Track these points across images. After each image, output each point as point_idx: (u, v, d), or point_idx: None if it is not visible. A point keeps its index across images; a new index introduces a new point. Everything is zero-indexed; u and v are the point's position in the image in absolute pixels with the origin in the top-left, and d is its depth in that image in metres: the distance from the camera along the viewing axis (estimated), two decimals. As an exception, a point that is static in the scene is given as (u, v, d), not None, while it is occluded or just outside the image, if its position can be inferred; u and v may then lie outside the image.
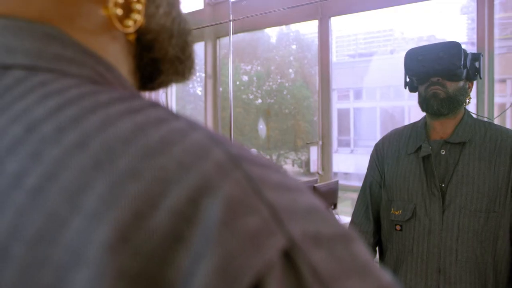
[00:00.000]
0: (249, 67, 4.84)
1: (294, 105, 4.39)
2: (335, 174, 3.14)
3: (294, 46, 4.94)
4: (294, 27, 4.47)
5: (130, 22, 0.30)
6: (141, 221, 0.19)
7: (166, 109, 0.25)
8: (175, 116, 0.24)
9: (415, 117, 1.44)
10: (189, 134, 0.22)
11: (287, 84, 4.69)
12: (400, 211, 1.29)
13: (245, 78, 4.81)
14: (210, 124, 3.89)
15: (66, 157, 0.21)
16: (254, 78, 4.76)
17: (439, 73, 1.25)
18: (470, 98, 1.33)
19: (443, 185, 1.24)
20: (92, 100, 0.24)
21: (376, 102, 4.93)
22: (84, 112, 0.23)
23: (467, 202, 1.20)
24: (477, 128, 1.28)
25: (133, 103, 0.24)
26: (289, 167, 4.47)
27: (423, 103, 1.29)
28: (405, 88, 1.39)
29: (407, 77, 1.38)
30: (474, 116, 1.35)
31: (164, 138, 0.22)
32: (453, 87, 1.26)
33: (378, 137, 1.42)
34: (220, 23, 3.24)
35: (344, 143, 4.78)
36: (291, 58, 4.91)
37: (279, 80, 4.76)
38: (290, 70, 4.80)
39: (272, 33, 4.66)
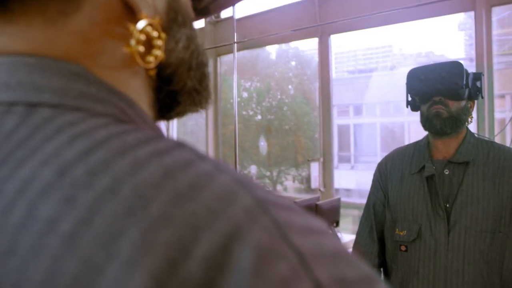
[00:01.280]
0: (249, 83, 4.87)
1: (294, 121, 4.40)
2: (337, 190, 3.13)
3: (293, 63, 4.98)
4: (293, 43, 4.51)
5: (151, 58, 0.31)
6: (175, 268, 0.19)
7: (191, 149, 0.25)
8: (201, 157, 0.24)
9: (415, 133, 1.45)
10: (216, 178, 0.23)
11: (287, 100, 4.71)
12: (405, 231, 1.28)
13: (245, 94, 4.84)
14: (211, 140, 3.89)
15: (99, 202, 0.21)
16: (254, 95, 4.78)
17: (441, 93, 1.25)
18: (472, 117, 1.33)
19: (447, 205, 1.24)
20: (120, 142, 0.24)
21: (376, 117, 4.95)
22: (113, 155, 0.23)
23: (472, 222, 1.19)
24: (480, 147, 1.28)
25: (159, 145, 0.24)
26: (289, 183, 4.46)
27: (426, 123, 1.29)
28: (407, 107, 1.40)
29: (409, 96, 1.38)
30: (476, 135, 1.35)
31: (192, 182, 0.22)
32: (455, 107, 1.26)
33: (379, 152, 1.42)
34: (224, 45, 3.26)
35: (344, 159, 4.78)
36: (291, 74, 4.94)
37: (278, 96, 4.78)
38: (290, 86, 4.83)
39: (272, 49, 4.71)
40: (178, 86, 0.36)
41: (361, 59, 5.83)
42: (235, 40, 2.16)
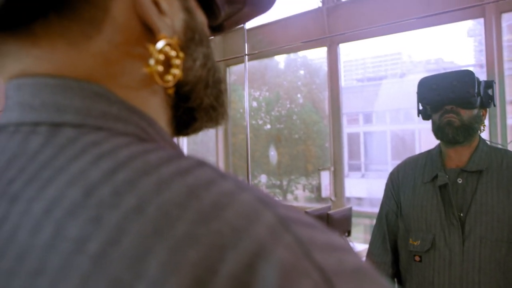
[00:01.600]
0: (258, 93, 4.89)
1: (303, 130, 4.40)
2: (348, 199, 3.11)
3: (302, 72, 4.99)
4: (301, 52, 4.52)
5: (169, 77, 0.32)
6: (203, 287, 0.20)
7: (212, 168, 0.26)
8: (222, 176, 0.25)
9: (426, 140, 1.44)
10: (238, 196, 0.23)
11: (296, 109, 4.71)
12: (419, 241, 1.27)
13: (254, 104, 4.85)
14: (221, 150, 3.90)
15: (125, 222, 0.21)
16: (263, 104, 4.80)
17: (453, 101, 1.25)
18: (485, 125, 1.32)
19: (461, 215, 1.22)
20: (143, 162, 0.24)
21: (386, 125, 4.92)
22: (138, 175, 0.23)
23: (488, 232, 1.17)
24: (493, 155, 1.27)
25: (181, 164, 0.25)
26: (300, 192, 4.45)
27: (438, 131, 1.29)
28: (418, 116, 1.39)
29: (420, 105, 1.38)
30: (489, 142, 1.34)
31: (215, 201, 0.22)
32: (467, 115, 1.26)
33: (389, 160, 1.42)
34: (236, 57, 3.29)
35: (354, 168, 4.75)
36: (300, 83, 4.95)
37: (288, 105, 4.79)
38: (299, 95, 4.83)
39: (280, 59, 4.72)
40: (195, 103, 0.36)
41: (370, 67, 5.83)
42: (246, 52, 2.17)
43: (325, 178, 3.10)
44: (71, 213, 0.22)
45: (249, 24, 3.46)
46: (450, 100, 1.25)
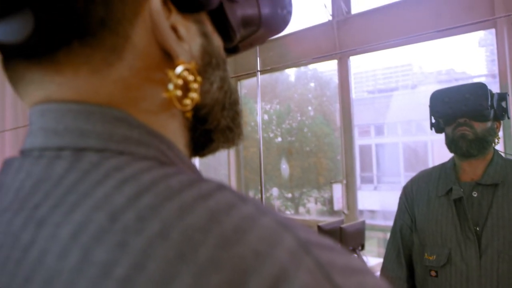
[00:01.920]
0: (269, 106, 4.91)
1: (315, 142, 4.39)
2: (360, 212, 3.09)
3: (312, 84, 5.00)
4: (312, 65, 4.53)
5: (188, 101, 0.32)
6: None
7: (232, 191, 0.26)
8: (242, 199, 0.25)
9: (439, 152, 1.43)
10: (259, 220, 0.24)
11: (307, 122, 4.71)
12: (434, 256, 1.25)
13: (265, 117, 4.87)
14: (232, 163, 3.91)
15: (150, 247, 0.22)
16: (274, 117, 4.81)
17: (466, 114, 1.24)
18: (499, 138, 1.31)
19: (477, 229, 1.21)
20: (165, 186, 0.25)
21: (398, 137, 4.89)
22: (161, 200, 0.24)
23: (505, 246, 1.16)
24: (508, 168, 1.25)
25: (202, 188, 0.25)
26: (312, 205, 4.42)
27: (451, 145, 1.28)
28: (431, 129, 1.38)
29: (432, 118, 1.37)
30: (503, 154, 1.32)
31: (237, 225, 0.23)
32: (481, 128, 1.25)
33: (402, 172, 1.41)
34: (248, 74, 3.31)
35: (367, 180, 4.72)
36: (310, 95, 4.96)
37: (298, 118, 4.79)
38: (310, 108, 4.84)
39: (291, 72, 4.74)
40: (212, 125, 0.37)
41: (381, 78, 5.82)
42: (258, 69, 2.19)
43: (337, 191, 3.08)
44: (98, 238, 0.23)
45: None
46: (463, 113, 1.24)
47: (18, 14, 0.27)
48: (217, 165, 4.41)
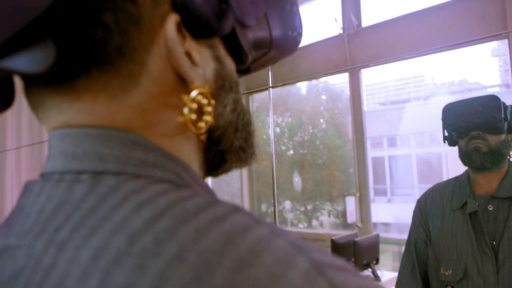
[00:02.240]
0: (280, 119, 4.92)
1: (327, 155, 4.38)
2: (374, 225, 3.05)
3: (324, 97, 5.00)
4: (323, 78, 4.54)
5: (202, 124, 0.33)
6: None
7: (246, 213, 0.27)
8: (256, 221, 0.26)
9: (453, 163, 1.41)
10: (273, 242, 0.24)
11: (319, 135, 4.70)
12: (450, 271, 1.23)
13: (277, 130, 4.87)
14: (245, 177, 3.91)
15: (168, 270, 0.22)
16: (286, 130, 4.81)
17: (479, 127, 1.23)
18: (514, 149, 1.30)
19: (494, 243, 1.19)
20: (181, 209, 0.26)
21: (411, 149, 4.85)
22: (177, 223, 0.25)
23: (523, 260, 1.14)
24: (524, 181, 1.24)
25: (217, 210, 0.26)
26: (325, 218, 4.39)
27: (465, 158, 1.27)
28: (444, 142, 1.37)
29: (445, 131, 1.37)
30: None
31: (252, 248, 0.23)
32: (494, 140, 1.24)
33: (416, 184, 1.40)
34: (260, 90, 3.34)
35: (380, 192, 4.68)
36: (322, 108, 4.96)
37: (310, 131, 4.79)
38: (321, 120, 4.83)
39: (302, 84, 4.76)
40: (226, 146, 0.38)
41: (393, 90, 5.79)
42: (270, 85, 2.21)
43: (351, 203, 3.06)
44: (117, 261, 0.24)
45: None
46: (476, 125, 1.24)
47: (40, 44, 0.28)
48: (229, 179, 4.41)
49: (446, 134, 1.37)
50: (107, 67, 0.30)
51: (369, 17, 3.20)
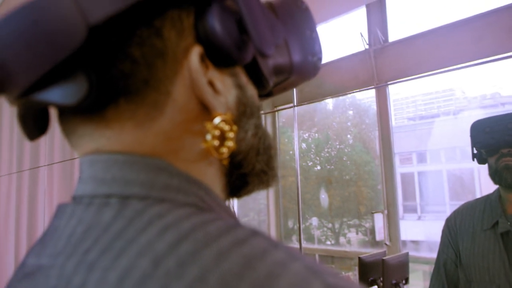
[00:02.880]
0: (307, 134, 4.91)
1: (354, 171, 4.33)
2: (403, 242, 2.98)
3: (351, 112, 4.97)
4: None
5: (224, 149, 0.35)
6: None
7: (265, 237, 0.28)
8: (275, 245, 0.27)
9: (486, 179, 1.38)
10: (290, 266, 0.25)
11: (346, 150, 4.66)
12: (482, 293, 1.19)
13: (304, 145, 4.86)
14: (271, 193, 3.91)
15: None
16: (312, 145, 4.79)
17: (509, 144, 1.21)
18: (548, 168, 1.25)
19: (527, 264, 1.15)
20: (204, 233, 0.27)
21: (442, 164, 4.74)
22: (200, 246, 0.26)
23: (559, 283, 1.09)
24: (559, 200, 1.19)
25: (238, 234, 0.27)
26: (353, 235, 4.32)
27: (495, 176, 1.24)
28: (473, 160, 1.35)
29: (474, 149, 1.34)
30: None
31: (269, 272, 0.24)
32: (526, 158, 1.21)
33: (447, 201, 1.36)
34: (284, 109, 3.35)
35: (410, 209, 4.57)
36: (349, 123, 4.92)
37: (337, 146, 4.75)
38: (349, 136, 4.79)
39: (328, 100, 4.74)
40: (247, 170, 0.39)
41: (422, 104, 5.70)
42: (295, 104, 2.22)
43: (379, 220, 3.01)
44: (142, 282, 0.25)
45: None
46: (506, 143, 1.21)
47: (73, 78, 0.30)
48: (256, 195, 4.42)
49: (475, 151, 1.34)
50: (134, 97, 0.32)
51: (396, 31, 3.19)
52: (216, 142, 0.34)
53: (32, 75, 0.29)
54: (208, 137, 0.34)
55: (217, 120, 0.35)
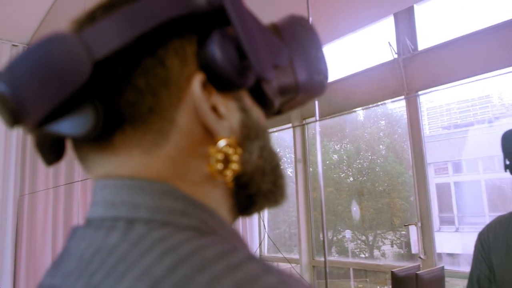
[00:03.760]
0: (338, 146, 4.86)
1: (387, 182, 4.24)
2: (439, 255, 2.88)
3: (383, 122, 4.89)
4: (381, 102, 4.45)
5: (228, 172, 0.36)
6: None
7: (259, 262, 0.29)
8: (267, 270, 0.28)
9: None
10: None
11: (379, 161, 4.58)
12: (518, 310, 1.14)
13: (335, 157, 4.81)
14: (302, 205, 3.88)
15: None
16: (344, 157, 4.74)
17: (543, 155, 1.16)
18: None
19: None
20: (200, 258, 0.28)
21: (479, 174, 4.57)
22: (195, 271, 0.27)
23: None
24: None
25: (232, 259, 0.28)
26: (387, 248, 4.21)
27: (530, 187, 1.19)
28: (505, 171, 1.30)
29: (506, 160, 1.29)
30: None
31: None
32: (562, 169, 1.15)
33: (487, 212, 1.32)
34: (307, 123, 3.35)
35: (447, 221, 4.42)
36: (381, 134, 4.84)
37: (370, 157, 4.68)
38: (381, 146, 4.71)
39: (359, 110, 4.69)
40: (254, 190, 0.40)
41: (457, 112, 5.53)
42: (317, 118, 2.22)
43: (414, 232, 2.93)
44: None
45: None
46: (539, 153, 1.16)
47: (80, 109, 0.32)
48: (286, 207, 4.40)
49: (508, 162, 1.29)
50: (140, 124, 0.34)
51: (425, 40, 3.13)
52: (220, 166, 0.35)
53: (44, 109, 0.31)
54: (212, 161, 0.35)
55: (220, 144, 0.36)
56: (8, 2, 2.82)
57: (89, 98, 0.32)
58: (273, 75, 0.37)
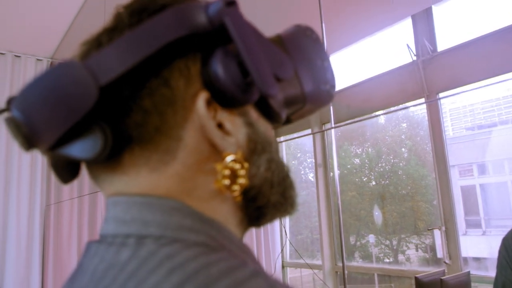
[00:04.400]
0: (360, 149, 4.81)
1: (411, 185, 4.17)
2: (465, 260, 2.81)
3: (404, 124, 4.82)
4: (402, 105, 4.39)
5: (236, 187, 0.37)
6: None
7: (264, 278, 0.29)
8: (273, 286, 0.29)
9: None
10: None
11: (401, 164, 4.52)
12: (545, 317, 1.11)
13: (357, 161, 4.77)
14: (323, 209, 3.86)
15: None
16: (366, 161, 4.69)
17: None
18: None
19: None
20: (206, 275, 0.29)
21: (506, 176, 4.45)
22: None
23: None
24: None
25: (238, 275, 0.29)
26: (412, 252, 4.14)
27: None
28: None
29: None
30: None
31: None
32: None
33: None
34: (323, 131, 3.33)
35: (473, 224, 4.31)
36: (403, 136, 4.78)
37: (392, 161, 4.62)
38: (403, 149, 4.65)
39: (380, 113, 4.63)
40: (263, 203, 0.41)
41: (481, 113, 5.41)
42: (333, 125, 2.21)
43: (438, 237, 2.87)
44: None
45: (340, 85, 3.51)
46: None
47: (89, 132, 0.34)
48: (308, 212, 4.37)
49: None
50: (148, 144, 0.35)
51: (444, 41, 3.08)
52: (227, 181, 0.36)
53: (55, 134, 0.33)
54: (219, 177, 0.36)
55: (227, 160, 0.36)
56: (32, 17, 2.92)
57: (98, 121, 0.34)
58: (277, 90, 0.37)
